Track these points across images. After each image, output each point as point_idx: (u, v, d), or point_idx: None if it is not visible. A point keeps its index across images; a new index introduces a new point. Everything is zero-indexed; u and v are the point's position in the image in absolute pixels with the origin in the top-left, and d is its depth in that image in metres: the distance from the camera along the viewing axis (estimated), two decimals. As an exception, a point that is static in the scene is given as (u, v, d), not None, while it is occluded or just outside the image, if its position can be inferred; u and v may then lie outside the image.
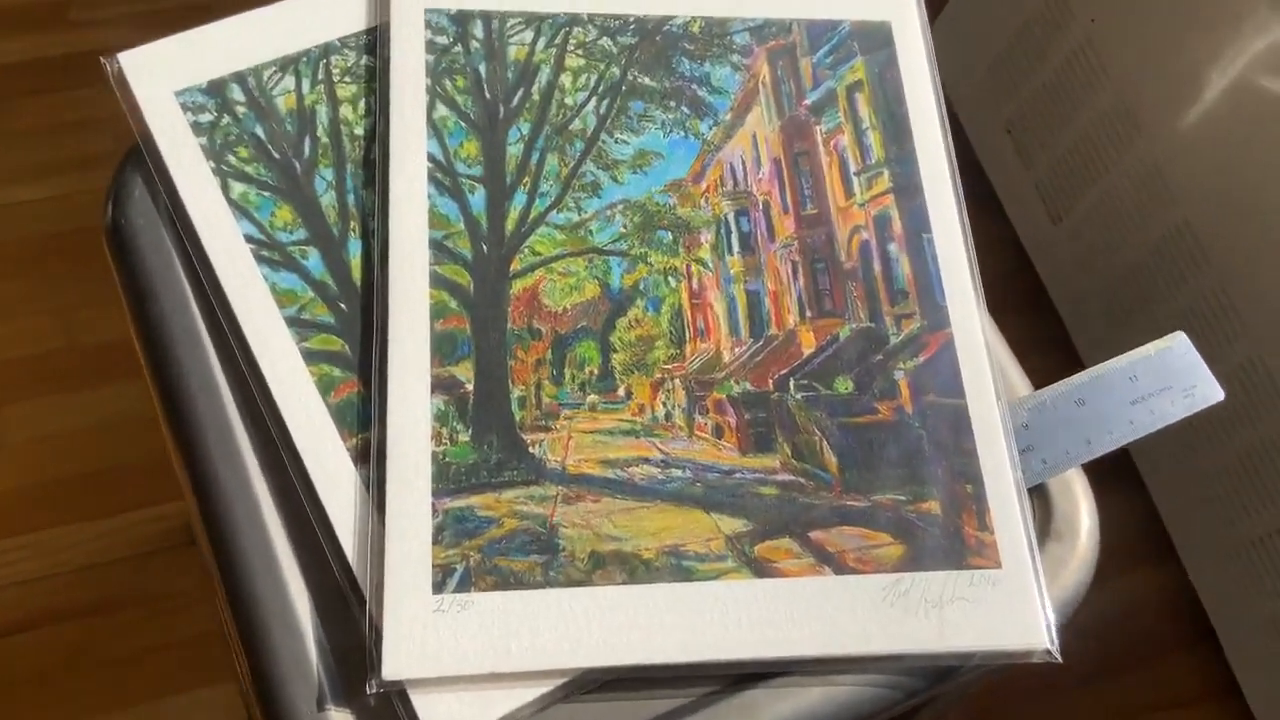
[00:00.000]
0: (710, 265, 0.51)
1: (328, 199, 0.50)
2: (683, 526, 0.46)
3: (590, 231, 0.50)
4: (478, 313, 0.48)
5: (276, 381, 0.46)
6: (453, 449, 0.46)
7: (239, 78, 0.51)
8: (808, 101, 0.54)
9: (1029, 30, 1.19)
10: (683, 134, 0.53)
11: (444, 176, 0.50)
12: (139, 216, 0.49)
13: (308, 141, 0.50)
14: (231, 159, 0.50)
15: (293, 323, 0.47)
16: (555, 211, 0.50)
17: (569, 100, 0.52)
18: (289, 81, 0.51)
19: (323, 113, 0.51)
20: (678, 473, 0.47)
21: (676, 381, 0.48)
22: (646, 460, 0.47)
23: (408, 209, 0.49)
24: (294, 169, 0.50)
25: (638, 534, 0.45)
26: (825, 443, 0.48)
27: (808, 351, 0.49)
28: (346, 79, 0.52)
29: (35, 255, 1.13)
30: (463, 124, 0.51)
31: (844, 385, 0.49)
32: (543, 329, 0.49)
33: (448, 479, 0.45)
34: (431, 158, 0.50)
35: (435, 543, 0.44)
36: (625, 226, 0.51)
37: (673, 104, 0.53)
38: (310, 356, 0.47)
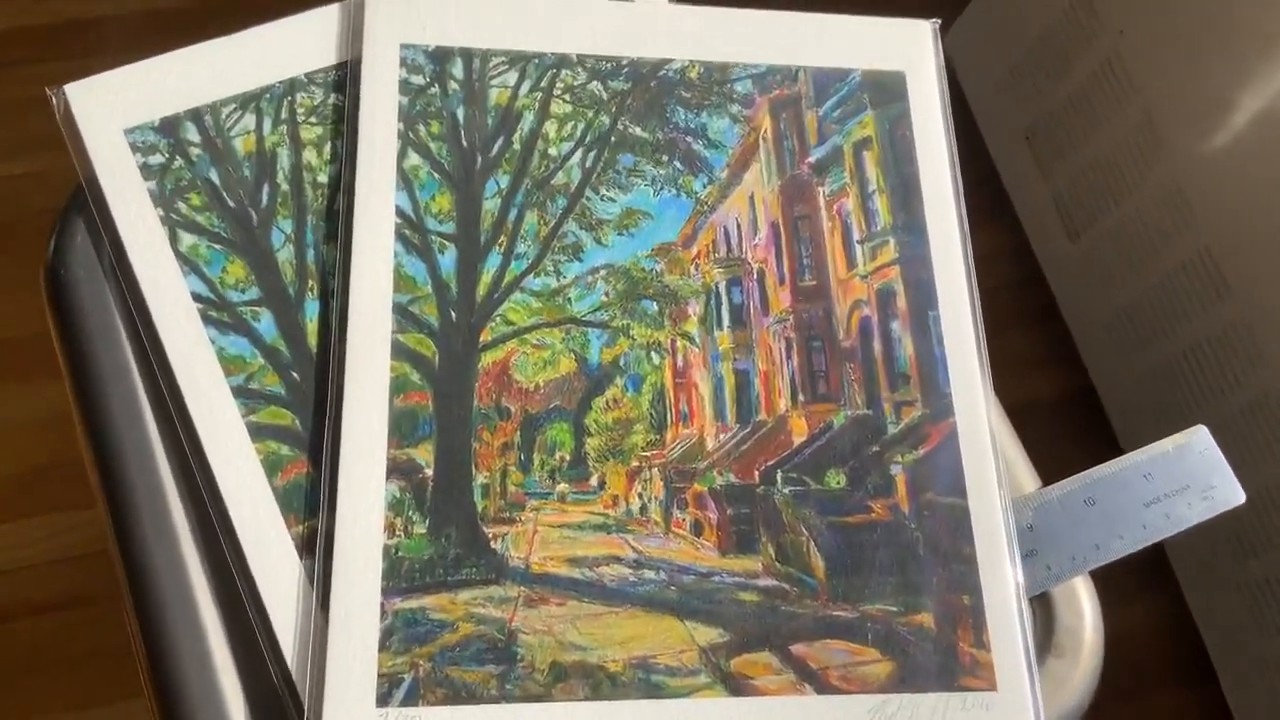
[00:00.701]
0: (697, 340, 0.47)
1: (285, 254, 0.46)
2: (654, 635, 0.42)
3: (569, 299, 0.46)
4: (442, 388, 0.44)
5: (219, 459, 0.42)
6: (407, 542, 0.42)
7: (195, 115, 0.47)
8: (811, 159, 0.50)
9: (1054, 35, 1.14)
10: (674, 192, 0.49)
11: (412, 233, 0.46)
12: (79, 266, 0.46)
13: (266, 189, 0.46)
14: (182, 206, 0.46)
15: (240, 393, 0.43)
16: (532, 276, 0.47)
17: (553, 151, 0.48)
18: (249, 120, 0.47)
19: (284, 156, 0.47)
20: (651, 574, 0.43)
21: (655, 471, 0.45)
22: (618, 559, 0.43)
23: (371, 269, 0.45)
24: (249, 220, 0.46)
25: (604, 643, 0.42)
26: (813, 544, 0.44)
27: (798, 440, 0.46)
28: (312, 119, 0.48)
29: (18, 232, 1.10)
30: (436, 175, 0.47)
31: (836, 479, 0.45)
32: (512, 408, 0.45)
33: (399, 576, 0.42)
34: (400, 211, 0.46)
35: (382, 648, 0.41)
36: (608, 294, 0.47)
37: (665, 158, 0.49)
38: (257, 431, 0.43)
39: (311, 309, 0.45)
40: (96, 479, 0.44)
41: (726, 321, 0.47)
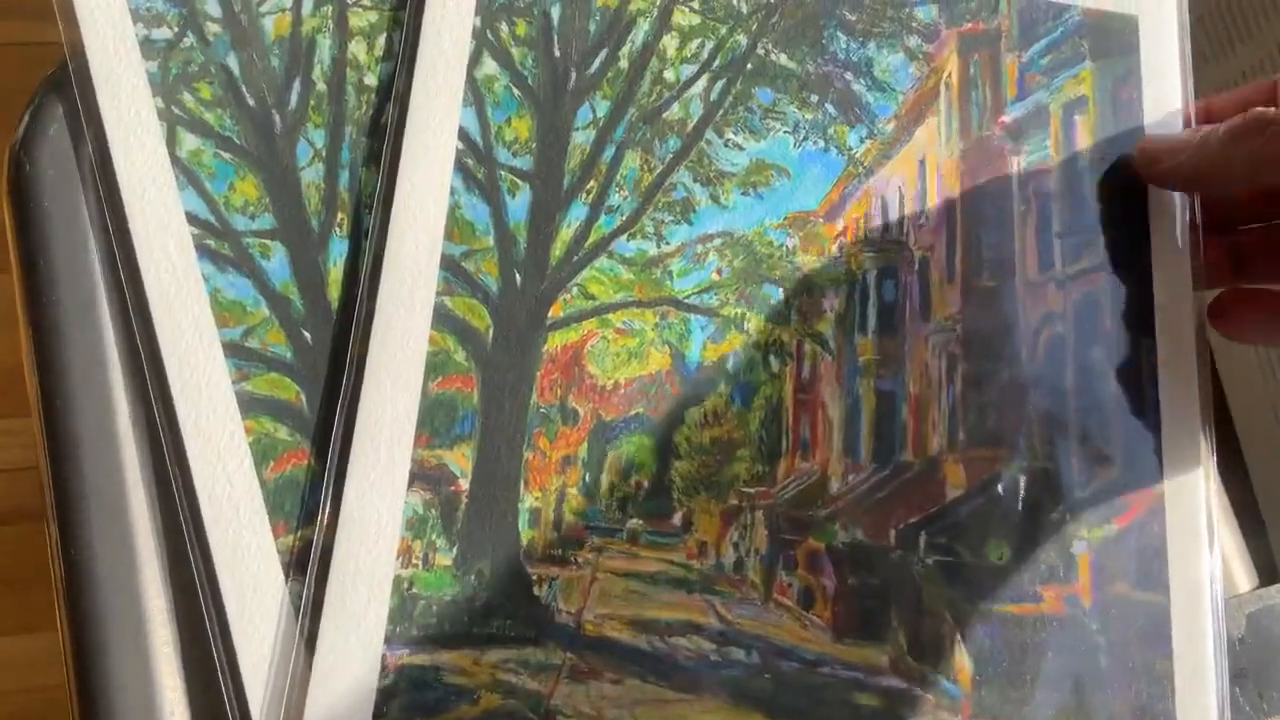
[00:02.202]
0: (832, 345, 0.35)
1: (311, 174, 0.35)
2: (735, 737, 0.32)
3: (670, 273, 0.35)
4: (492, 374, 0.34)
5: (195, 435, 0.32)
6: (425, 574, 0.32)
7: None
8: (1007, 118, 0.38)
9: None
10: (822, 144, 0.37)
11: (477, 165, 0.35)
12: (50, 165, 0.35)
13: (297, 87, 0.36)
14: (187, 98, 0.35)
15: (233, 350, 0.33)
16: (625, 237, 0.35)
17: (669, 75, 0.37)
18: None
19: (324, 47, 0.36)
20: (740, 654, 0.32)
21: (759, 514, 0.34)
22: (698, 629, 0.33)
23: (419, 205, 0.34)
24: (271, 125, 0.35)
25: (669, 740, 0.31)
26: (959, 637, 0.33)
27: (953, 494, 0.34)
28: (365, 2, 0.37)
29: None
30: (515, 91, 0.36)
31: (998, 552, 0.34)
32: (580, 410, 0.34)
33: (410, 620, 0.32)
34: (464, 135, 0.35)
35: (378, 715, 0.31)
36: (720, 272, 0.36)
37: (814, 98, 0.37)
38: (250, 405, 0.33)
39: (338, 250, 0.35)
40: (43, 447, 0.34)
41: (872, 324, 0.36)
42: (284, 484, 0.33)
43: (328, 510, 0.32)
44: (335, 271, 0.34)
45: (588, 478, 0.34)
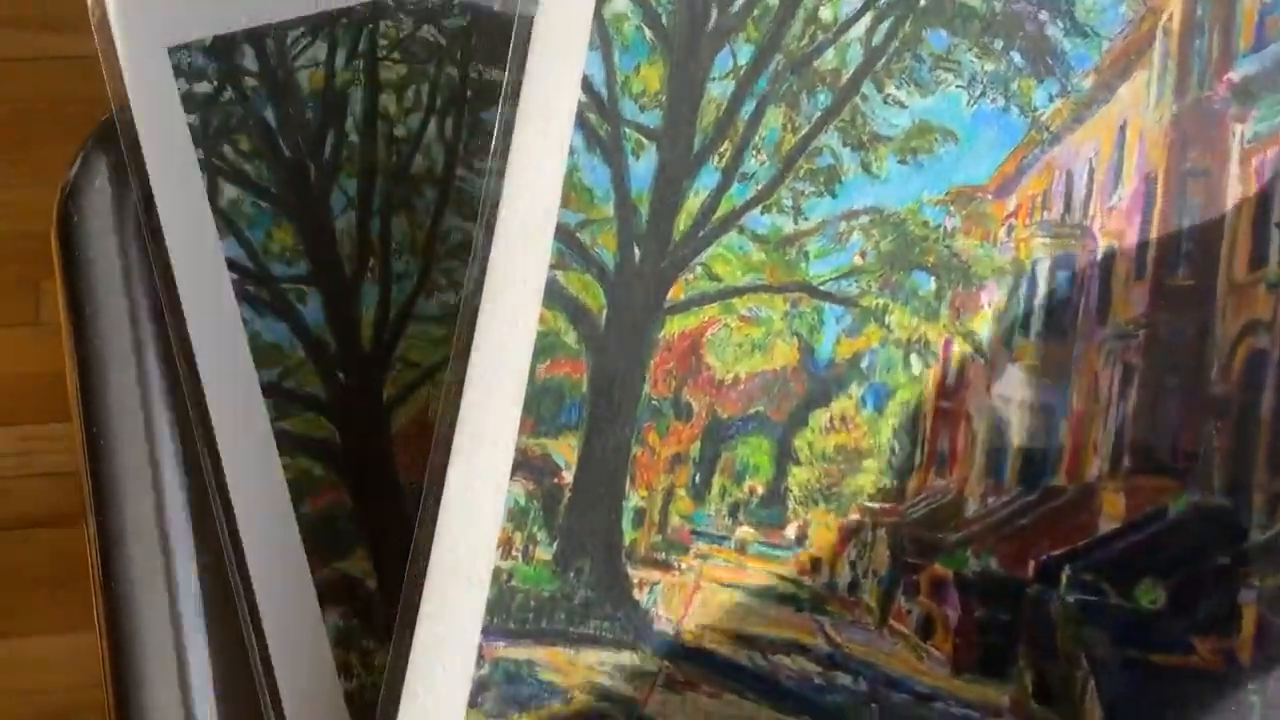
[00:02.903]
0: (986, 347, 0.31)
1: (344, 222, 0.35)
2: (833, 765, 0.30)
3: (806, 255, 0.32)
4: (604, 360, 0.32)
5: (236, 470, 0.33)
6: (525, 568, 0.31)
7: (255, 37, 0.35)
8: (1234, 75, 0.31)
9: None
10: (1002, 103, 0.32)
11: (600, 121, 0.32)
12: (96, 216, 0.36)
13: (330, 138, 0.36)
14: (227, 150, 0.35)
15: (271, 391, 0.34)
16: (759, 210, 0.32)
17: (826, 13, 0.32)
18: (319, 50, 0.35)
19: (356, 99, 0.35)
20: (847, 680, 0.31)
21: (882, 533, 0.31)
22: (804, 649, 0.31)
23: (535, 164, 0.32)
24: (307, 174, 0.35)
25: (763, 762, 0.30)
26: (1092, 684, 0.30)
27: (1108, 527, 0.31)
28: (394, 55, 0.36)
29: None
30: (647, 32, 0.32)
31: (1150, 595, 0.30)
32: (695, 404, 0.32)
33: (508, 613, 0.31)
34: (588, 85, 0.32)
35: (473, 704, 0.31)
36: (864, 255, 0.32)
37: (998, 44, 0.32)
38: (287, 443, 0.34)
39: (370, 295, 0.35)
40: (87, 483, 0.35)
41: (1036, 324, 0.31)
42: (319, 520, 0.33)
43: (429, 497, 0.31)
44: (368, 316, 0.35)
45: (698, 479, 0.31)
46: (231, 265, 0.35)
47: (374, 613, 0.34)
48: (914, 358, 0.31)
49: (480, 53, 0.35)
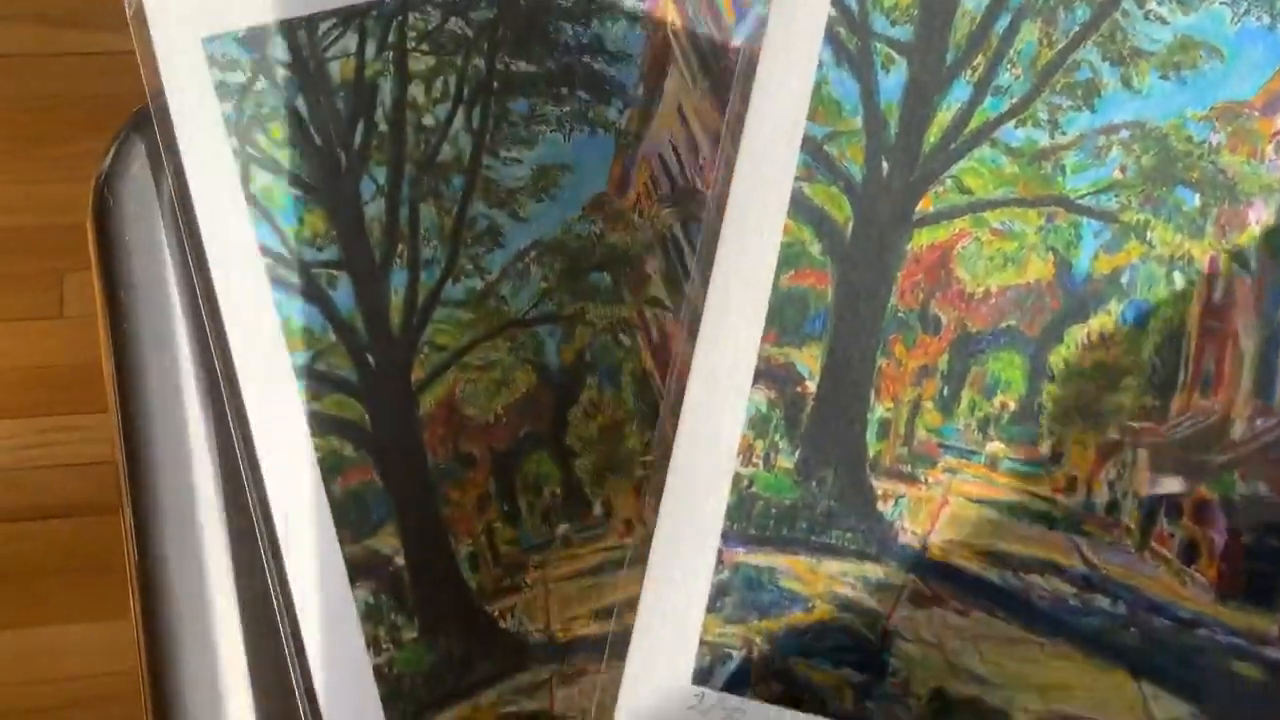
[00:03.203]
0: (1253, 265, 0.30)
1: (374, 209, 0.36)
2: (1089, 691, 0.29)
3: (1063, 169, 0.31)
4: (849, 271, 0.31)
5: (269, 451, 0.34)
6: (766, 475, 0.31)
7: (287, 28, 0.36)
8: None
9: None
10: (1267, 20, 0.31)
11: (849, 34, 0.32)
12: (132, 200, 0.37)
13: (361, 127, 0.36)
14: (260, 138, 0.36)
15: (303, 373, 0.34)
16: (1013, 123, 0.31)
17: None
18: (349, 41, 0.36)
19: (386, 89, 0.36)
20: (1104, 603, 0.29)
21: (1143, 453, 0.30)
22: (1059, 570, 0.30)
23: (783, 75, 0.32)
24: (337, 162, 0.36)
25: (1014, 683, 0.29)
26: (1373, 618, 0.28)
27: (1388, 453, 0.29)
28: (424, 47, 0.36)
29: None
30: (898, -51, 0.32)
31: None
32: (944, 318, 0.31)
33: (748, 519, 0.31)
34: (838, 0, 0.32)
35: (712, 608, 0.30)
36: (1124, 169, 0.31)
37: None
38: (319, 424, 0.34)
39: (399, 280, 0.35)
40: (122, 463, 0.35)
41: None
42: (349, 498, 0.34)
43: (671, 405, 0.31)
44: (396, 299, 0.35)
45: (946, 391, 0.31)
46: (264, 250, 0.35)
47: (402, 588, 0.34)
48: (1177, 275, 0.30)
49: (506, 44, 0.36)
